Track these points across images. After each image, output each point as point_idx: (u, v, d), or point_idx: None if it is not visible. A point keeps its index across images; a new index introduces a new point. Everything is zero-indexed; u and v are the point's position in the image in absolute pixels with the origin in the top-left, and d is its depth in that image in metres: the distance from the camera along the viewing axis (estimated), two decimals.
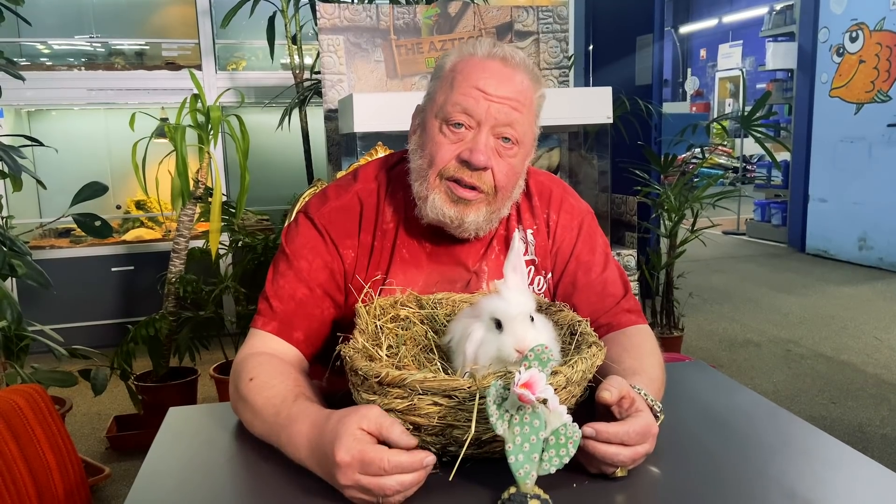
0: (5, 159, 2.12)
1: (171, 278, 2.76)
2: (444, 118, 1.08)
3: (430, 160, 1.10)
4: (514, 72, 1.08)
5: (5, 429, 1.13)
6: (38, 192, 4.11)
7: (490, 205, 1.11)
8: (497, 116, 1.06)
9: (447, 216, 1.10)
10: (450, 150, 1.08)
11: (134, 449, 2.68)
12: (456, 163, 1.08)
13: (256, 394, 0.97)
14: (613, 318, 1.16)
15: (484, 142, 1.07)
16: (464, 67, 1.09)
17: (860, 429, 2.76)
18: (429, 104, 1.13)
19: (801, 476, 0.88)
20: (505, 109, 1.06)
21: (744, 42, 10.91)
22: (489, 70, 1.07)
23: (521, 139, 1.10)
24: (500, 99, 1.06)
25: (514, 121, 1.07)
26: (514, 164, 1.11)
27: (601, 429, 0.83)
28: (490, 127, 1.07)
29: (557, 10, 3.02)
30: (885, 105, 5.33)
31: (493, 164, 1.08)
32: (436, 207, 1.10)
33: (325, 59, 2.78)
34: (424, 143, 1.12)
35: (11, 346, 2.21)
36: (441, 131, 1.09)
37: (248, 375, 1.00)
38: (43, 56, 4.31)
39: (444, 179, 1.09)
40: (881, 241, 5.41)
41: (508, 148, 1.09)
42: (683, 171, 3.66)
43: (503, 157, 1.09)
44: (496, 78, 1.07)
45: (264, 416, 0.95)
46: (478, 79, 1.07)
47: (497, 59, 1.08)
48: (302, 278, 1.12)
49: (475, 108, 1.06)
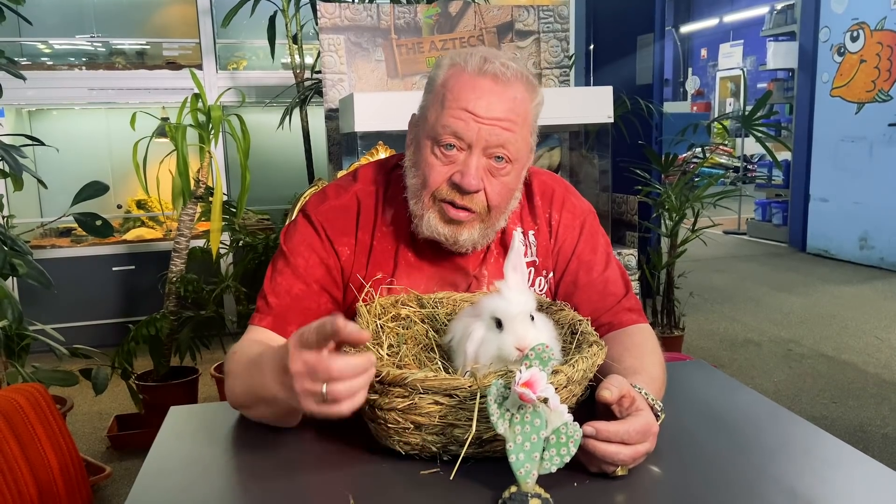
0: (6, 159, 2.12)
1: (171, 278, 2.76)
2: (435, 139, 1.07)
3: (424, 181, 1.09)
4: (505, 88, 1.05)
5: (7, 428, 1.13)
6: (38, 192, 4.11)
7: (484, 222, 1.11)
8: (488, 139, 1.04)
9: (441, 234, 1.10)
10: (441, 173, 1.07)
11: (135, 448, 2.69)
12: (448, 186, 1.08)
13: (237, 361, 1.03)
14: (614, 317, 1.16)
15: (475, 165, 1.05)
16: (454, 85, 1.06)
17: (861, 428, 2.76)
18: (421, 121, 1.12)
19: (801, 475, 0.88)
20: (496, 131, 1.04)
21: (745, 41, 10.90)
22: (479, 89, 1.04)
23: (514, 157, 1.08)
24: (492, 121, 1.04)
25: (507, 141, 1.06)
26: (508, 182, 1.10)
27: (602, 427, 0.83)
28: (481, 149, 1.06)
29: (558, 10, 3.02)
30: (886, 104, 5.33)
31: (485, 186, 1.07)
32: (430, 226, 1.10)
33: (326, 59, 2.78)
34: (418, 161, 1.11)
35: (12, 346, 2.21)
36: (433, 152, 1.08)
37: (233, 352, 1.07)
38: (44, 55, 4.31)
39: (437, 201, 1.09)
40: (882, 241, 5.41)
41: (501, 167, 1.07)
42: (684, 170, 3.66)
43: (496, 177, 1.08)
44: (487, 98, 1.04)
45: (242, 374, 1.00)
46: (467, 100, 1.04)
47: (488, 76, 1.05)
48: (299, 275, 1.12)
49: (465, 131, 1.04)
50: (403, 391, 0.84)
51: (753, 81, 10.18)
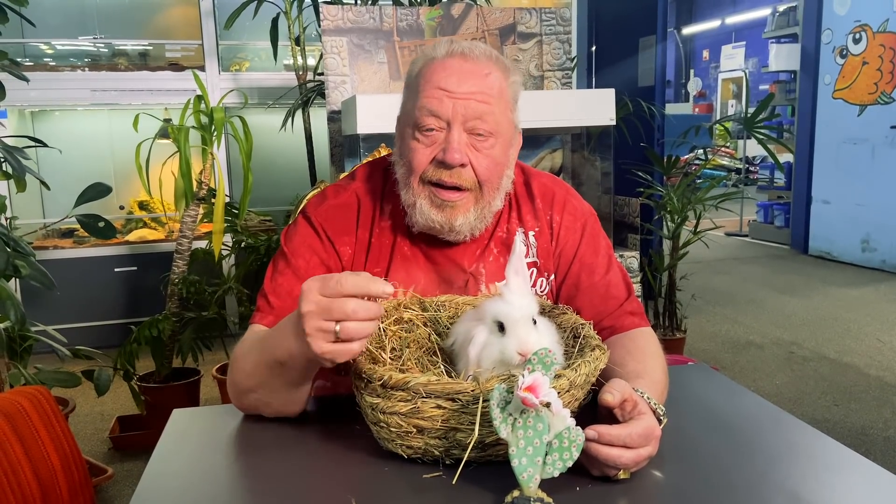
0: (9, 160, 2.12)
1: (174, 279, 2.77)
2: (415, 124, 1.09)
3: (409, 166, 1.11)
4: (475, 65, 1.08)
5: (10, 430, 1.13)
6: (41, 193, 4.12)
7: (477, 202, 1.12)
8: (465, 113, 1.07)
9: (436, 222, 1.11)
10: (425, 154, 1.09)
11: (137, 449, 2.69)
12: (433, 166, 1.09)
13: (243, 349, 1.05)
14: (616, 320, 1.16)
15: (457, 139, 1.07)
16: (426, 72, 1.10)
17: (863, 431, 2.76)
18: (402, 116, 1.14)
19: (803, 479, 0.88)
20: (472, 104, 1.07)
21: (747, 43, 10.91)
22: (449, 68, 1.08)
23: (494, 130, 1.09)
24: (465, 95, 1.07)
25: (483, 113, 1.07)
26: (495, 156, 1.11)
27: (603, 431, 0.83)
28: (460, 124, 1.07)
29: (560, 12, 3.02)
30: (889, 107, 5.33)
31: (470, 160, 1.09)
32: (423, 214, 1.11)
33: (329, 61, 2.78)
34: (403, 151, 1.13)
35: (15, 347, 2.21)
36: (414, 137, 1.10)
37: (237, 347, 1.08)
38: (47, 56, 4.32)
39: (425, 184, 1.10)
40: (884, 243, 5.40)
41: (483, 140, 1.09)
42: (686, 172, 3.66)
43: (480, 151, 1.09)
44: (457, 75, 1.07)
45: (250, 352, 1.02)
46: (439, 79, 1.07)
47: (456, 56, 1.09)
48: (300, 276, 1.12)
49: (440, 107, 1.07)
50: (406, 395, 0.85)
51: (755, 83, 10.18)
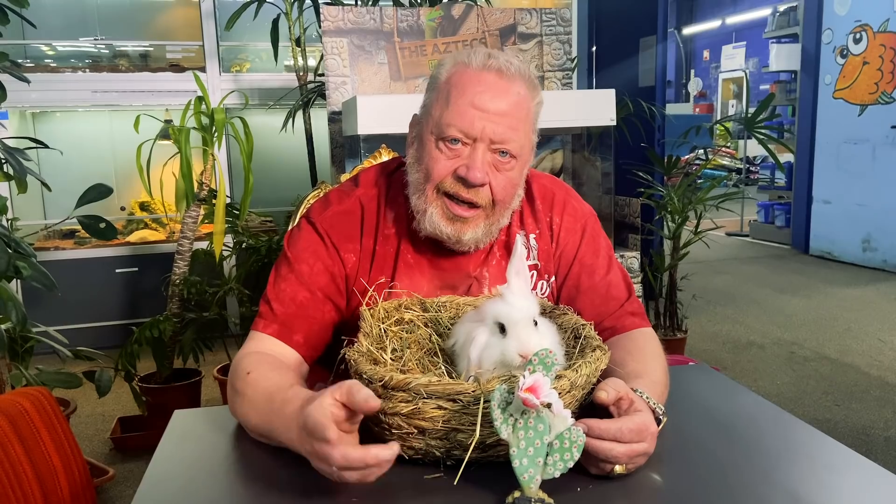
0: (10, 161, 2.12)
1: (175, 280, 2.77)
2: (440, 135, 1.07)
3: (427, 174, 1.09)
4: (509, 84, 1.06)
5: (12, 432, 1.13)
6: (42, 194, 4.12)
7: (488, 218, 1.11)
8: (493, 134, 1.05)
9: (444, 233, 1.10)
10: (446, 166, 1.08)
11: (138, 450, 2.69)
12: (452, 178, 1.08)
13: (253, 386, 0.98)
14: (617, 321, 1.16)
15: (481, 158, 1.06)
16: (458, 80, 1.07)
17: (864, 431, 2.75)
18: (425, 118, 1.12)
19: (804, 480, 0.88)
20: (501, 127, 1.05)
21: (747, 43, 10.90)
22: (484, 83, 1.05)
23: (518, 153, 1.09)
24: (496, 116, 1.05)
25: (510, 137, 1.06)
26: (512, 177, 1.10)
27: (593, 425, 0.84)
28: (486, 144, 1.06)
29: (561, 12, 3.03)
30: (889, 106, 5.32)
31: (490, 180, 1.07)
32: (433, 223, 1.10)
33: (329, 62, 2.78)
34: (421, 157, 1.11)
35: (16, 348, 2.21)
36: (437, 147, 1.08)
37: (245, 370, 1.01)
38: (47, 58, 4.32)
39: (440, 194, 1.09)
40: (885, 243, 5.40)
41: (506, 162, 1.08)
42: (687, 172, 3.66)
43: (501, 171, 1.08)
44: (491, 92, 1.05)
45: (259, 405, 0.96)
46: (473, 94, 1.05)
47: (492, 71, 1.06)
48: (303, 282, 1.12)
49: (470, 126, 1.05)
50: (407, 396, 0.85)
51: (756, 83, 10.17)
